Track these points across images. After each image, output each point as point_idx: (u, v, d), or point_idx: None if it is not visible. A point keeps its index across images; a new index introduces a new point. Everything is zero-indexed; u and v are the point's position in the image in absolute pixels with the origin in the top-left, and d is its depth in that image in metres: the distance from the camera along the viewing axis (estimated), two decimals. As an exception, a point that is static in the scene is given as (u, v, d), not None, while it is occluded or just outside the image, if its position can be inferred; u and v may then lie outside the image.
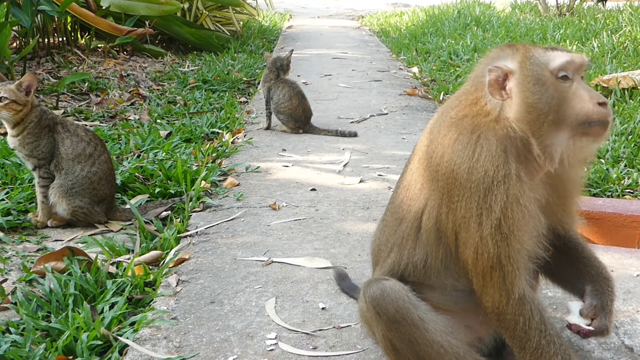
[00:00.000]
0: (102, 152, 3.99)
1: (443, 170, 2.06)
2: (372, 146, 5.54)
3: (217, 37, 11.26)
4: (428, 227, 2.14)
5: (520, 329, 2.04)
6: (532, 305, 2.05)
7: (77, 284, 2.99)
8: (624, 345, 2.56)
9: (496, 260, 1.99)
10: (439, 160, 2.08)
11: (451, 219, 2.07)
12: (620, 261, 3.31)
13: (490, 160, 1.98)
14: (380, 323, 2.11)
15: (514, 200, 1.97)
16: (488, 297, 2.05)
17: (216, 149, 5.27)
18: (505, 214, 1.97)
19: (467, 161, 2.00)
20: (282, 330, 2.69)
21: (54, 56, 8.81)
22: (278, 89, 5.98)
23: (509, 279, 2.01)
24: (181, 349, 2.54)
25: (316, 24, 17.90)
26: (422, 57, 10.35)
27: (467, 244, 2.04)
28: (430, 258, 2.17)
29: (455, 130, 2.07)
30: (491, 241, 1.99)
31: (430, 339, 2.08)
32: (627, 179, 4.40)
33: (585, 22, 11.90)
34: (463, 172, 2.01)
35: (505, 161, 1.99)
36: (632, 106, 5.90)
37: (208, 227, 3.76)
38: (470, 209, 2.01)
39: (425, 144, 2.19)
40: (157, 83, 8.32)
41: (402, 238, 2.23)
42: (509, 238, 1.99)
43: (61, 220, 3.92)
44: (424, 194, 2.16)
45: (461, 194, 2.02)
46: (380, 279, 2.19)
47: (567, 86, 2.01)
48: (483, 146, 2.00)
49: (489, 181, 1.97)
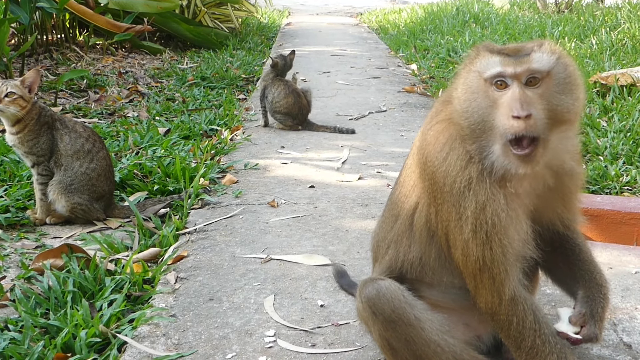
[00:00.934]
0: (101, 149, 3.99)
1: (428, 171, 2.05)
2: (370, 143, 5.54)
3: (215, 34, 11.25)
4: (420, 226, 2.14)
5: (514, 329, 2.03)
6: (525, 305, 2.03)
7: (76, 281, 2.99)
8: (622, 342, 2.56)
9: (482, 263, 1.98)
10: (424, 160, 2.07)
11: (439, 219, 2.06)
12: (618, 258, 3.31)
13: (458, 164, 1.96)
14: (377, 323, 2.10)
15: (482, 206, 1.94)
16: (481, 297, 2.05)
17: (215, 146, 5.27)
18: (477, 218, 1.94)
19: (442, 164, 1.99)
20: (281, 327, 2.70)
21: (52, 53, 8.80)
22: (273, 88, 5.98)
23: (498, 280, 1.99)
24: (180, 346, 2.54)
25: (315, 21, 17.88)
26: (420, 54, 10.35)
27: (455, 245, 2.03)
28: (425, 256, 2.17)
29: (436, 130, 2.05)
30: (473, 244, 1.97)
31: (427, 338, 2.07)
32: (625, 176, 4.40)
33: (584, 19, 11.89)
34: (441, 174, 1.99)
35: (467, 165, 1.96)
36: (631, 103, 5.90)
37: (207, 224, 3.76)
38: (450, 212, 2.00)
39: (418, 140, 2.19)
40: (156, 80, 8.31)
41: (398, 235, 2.23)
42: (489, 242, 1.96)
43: (60, 217, 3.92)
44: (416, 192, 2.16)
45: (442, 197, 2.01)
46: (376, 278, 2.19)
47: (500, 94, 1.90)
48: (452, 149, 1.98)
49: (459, 186, 1.95)
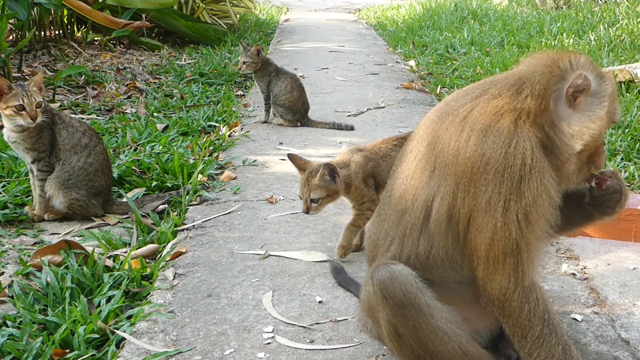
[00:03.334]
0: (97, 143, 3.98)
1: (467, 154, 2.05)
2: (369, 139, 5.52)
3: (213, 30, 11.23)
4: (440, 214, 2.13)
5: (525, 316, 2.06)
6: (538, 294, 2.07)
7: (74, 278, 2.99)
8: (621, 339, 2.57)
9: (514, 246, 2.02)
10: (460, 145, 2.07)
11: (468, 203, 2.06)
12: (616, 254, 3.32)
13: (530, 151, 2.01)
14: (386, 307, 2.11)
15: (546, 190, 2.02)
16: (494, 283, 2.06)
17: (213, 143, 5.27)
18: (536, 201, 2.01)
19: (503, 147, 2.02)
20: (279, 323, 2.70)
21: (50, 49, 8.78)
22: (279, 81, 5.96)
23: (522, 266, 2.04)
24: (178, 343, 2.54)
25: (313, 17, 17.86)
26: (419, 50, 10.34)
27: (484, 228, 2.04)
28: (436, 247, 2.16)
29: (487, 117, 2.08)
30: (515, 226, 2.01)
31: (435, 325, 2.09)
32: (623, 172, 4.41)
33: (582, 15, 11.88)
34: (497, 156, 2.02)
35: (542, 155, 2.04)
36: (629, 99, 5.90)
37: (205, 220, 3.76)
38: (498, 192, 2.02)
39: (433, 129, 2.19)
40: (154, 76, 8.30)
41: (406, 229, 2.21)
42: (533, 225, 2.02)
43: (58, 213, 3.91)
44: (434, 181, 2.15)
45: (489, 178, 2.03)
46: (389, 262, 2.19)
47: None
48: (522, 137, 2.03)
49: (527, 169, 2.00)
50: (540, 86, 2.08)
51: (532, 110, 2.07)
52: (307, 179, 3.21)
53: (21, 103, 3.65)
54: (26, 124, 3.70)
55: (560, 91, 2.08)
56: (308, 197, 3.21)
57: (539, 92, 2.08)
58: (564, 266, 3.18)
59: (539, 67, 2.14)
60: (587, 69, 2.10)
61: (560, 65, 2.10)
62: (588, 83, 2.06)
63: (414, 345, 2.12)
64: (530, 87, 2.09)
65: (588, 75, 2.08)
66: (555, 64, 2.11)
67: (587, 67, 2.10)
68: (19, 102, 3.65)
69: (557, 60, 2.12)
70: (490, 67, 8.02)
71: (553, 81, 2.08)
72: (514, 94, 2.10)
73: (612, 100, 2.12)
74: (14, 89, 3.67)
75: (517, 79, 2.15)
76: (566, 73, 2.08)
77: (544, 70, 2.11)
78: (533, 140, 2.04)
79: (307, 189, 3.21)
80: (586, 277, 3.09)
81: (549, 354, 2.06)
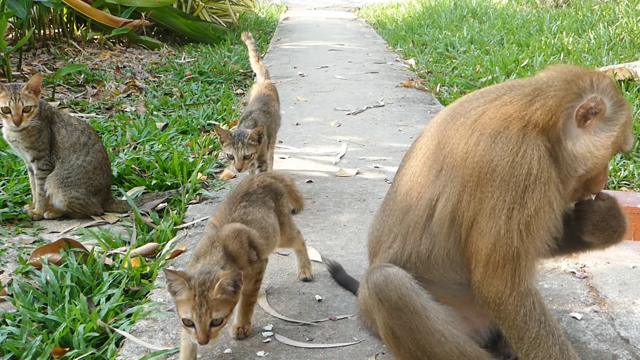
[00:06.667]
0: (96, 141, 3.98)
1: (476, 159, 2.06)
2: (368, 138, 5.53)
3: (213, 29, 11.22)
4: (443, 215, 2.13)
5: (521, 319, 2.07)
6: (534, 298, 2.08)
7: (74, 276, 2.99)
8: (620, 337, 2.57)
9: (515, 254, 2.03)
10: (469, 148, 2.08)
11: (473, 207, 2.07)
12: (616, 253, 3.31)
13: (536, 161, 2.02)
14: (382, 310, 2.12)
15: (548, 202, 2.03)
16: (491, 287, 2.07)
17: (212, 141, 5.26)
18: (538, 212, 2.02)
19: (510, 155, 2.02)
20: (279, 322, 2.70)
21: (49, 48, 8.77)
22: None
23: (520, 273, 2.05)
24: (178, 341, 2.54)
25: (313, 16, 17.84)
26: (418, 49, 10.33)
27: (487, 233, 2.05)
28: (437, 248, 2.17)
29: (497, 123, 2.08)
30: (516, 235, 2.02)
31: (432, 327, 2.09)
32: (623, 170, 4.41)
33: (582, 13, 11.88)
34: (504, 164, 2.02)
35: (550, 166, 2.04)
36: (629, 98, 5.90)
37: (204, 219, 3.75)
38: (503, 200, 2.03)
39: (444, 128, 2.19)
40: (154, 75, 8.29)
41: (409, 227, 2.21)
42: (533, 235, 2.03)
43: (57, 212, 3.91)
44: (440, 181, 2.15)
45: (495, 185, 2.03)
46: (384, 265, 2.19)
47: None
48: (529, 146, 2.03)
49: (532, 179, 2.01)
50: (553, 102, 2.07)
51: (540, 123, 2.06)
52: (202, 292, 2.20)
53: (7, 106, 3.65)
54: (10, 127, 3.71)
55: (572, 109, 2.07)
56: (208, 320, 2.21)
57: (550, 107, 2.07)
58: (563, 264, 3.18)
59: (558, 81, 2.11)
60: (607, 93, 2.08)
61: (580, 83, 2.08)
62: (603, 108, 2.05)
63: (411, 347, 2.12)
64: (543, 100, 2.08)
65: (605, 100, 2.06)
66: (576, 81, 2.08)
67: (607, 92, 2.08)
68: (5, 105, 3.65)
69: (579, 78, 2.10)
70: (490, 65, 8.01)
71: (568, 98, 2.07)
72: (526, 103, 2.09)
73: (623, 130, 2.10)
74: (5, 90, 3.67)
75: (533, 89, 2.13)
76: (584, 92, 2.06)
77: (561, 85, 2.09)
78: (542, 149, 2.03)
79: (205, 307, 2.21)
80: (586, 275, 3.09)
81: (546, 354, 2.07)
